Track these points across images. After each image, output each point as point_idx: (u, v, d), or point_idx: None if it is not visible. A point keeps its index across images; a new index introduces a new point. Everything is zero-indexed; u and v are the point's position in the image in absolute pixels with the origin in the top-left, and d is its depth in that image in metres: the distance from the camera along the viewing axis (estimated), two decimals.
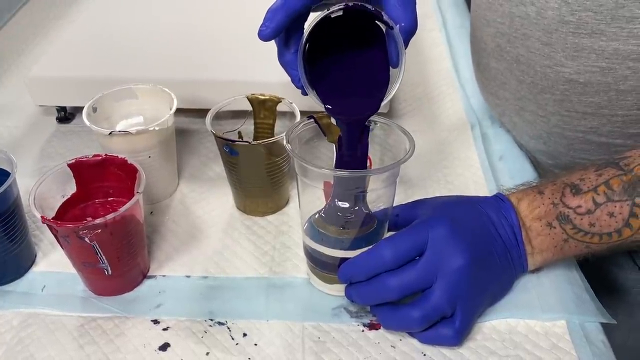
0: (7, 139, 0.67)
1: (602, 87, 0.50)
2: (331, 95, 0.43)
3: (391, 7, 0.40)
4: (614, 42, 0.47)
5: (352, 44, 0.43)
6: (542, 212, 0.45)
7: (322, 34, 0.42)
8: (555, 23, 0.50)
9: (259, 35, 0.41)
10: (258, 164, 0.52)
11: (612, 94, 0.50)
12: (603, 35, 0.47)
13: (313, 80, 0.43)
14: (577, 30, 0.48)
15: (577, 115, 0.53)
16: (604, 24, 0.47)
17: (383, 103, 0.43)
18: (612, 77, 0.49)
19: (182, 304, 0.48)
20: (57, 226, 0.43)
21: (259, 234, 0.55)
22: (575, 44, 0.49)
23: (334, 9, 0.40)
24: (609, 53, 0.48)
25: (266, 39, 0.41)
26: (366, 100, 0.43)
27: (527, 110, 0.57)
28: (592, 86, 0.51)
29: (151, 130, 0.53)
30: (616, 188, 0.43)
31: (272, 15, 0.40)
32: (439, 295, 0.42)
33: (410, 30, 0.40)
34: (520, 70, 0.55)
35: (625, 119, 0.51)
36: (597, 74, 0.49)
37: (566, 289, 0.48)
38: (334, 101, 0.43)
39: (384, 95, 0.43)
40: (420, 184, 0.59)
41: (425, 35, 0.86)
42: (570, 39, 0.49)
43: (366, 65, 0.44)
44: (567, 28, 0.49)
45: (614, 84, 0.49)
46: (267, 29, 0.40)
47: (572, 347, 0.44)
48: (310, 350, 0.44)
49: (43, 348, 0.45)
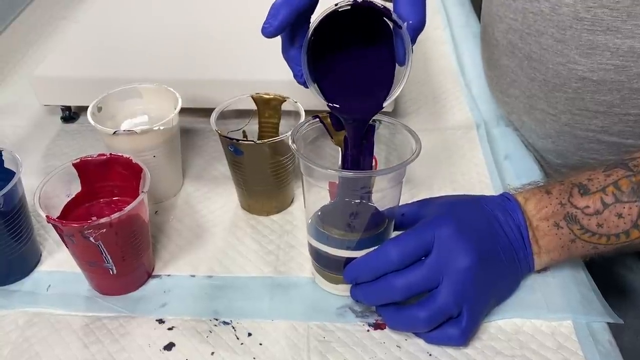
0: (12, 139, 0.67)
1: (615, 85, 0.50)
2: (334, 93, 0.42)
3: (400, 4, 0.39)
4: (630, 40, 0.47)
5: (358, 40, 0.43)
6: (549, 212, 0.45)
7: (329, 30, 0.40)
8: (570, 19, 0.49)
9: (262, 32, 0.40)
10: (263, 164, 0.52)
11: (626, 92, 0.50)
12: (619, 32, 0.47)
13: (317, 77, 0.42)
14: (592, 27, 0.48)
15: (588, 113, 0.52)
16: (619, 21, 0.46)
17: (387, 102, 0.42)
18: (626, 75, 0.49)
19: (187, 304, 0.48)
20: (62, 225, 0.43)
21: (264, 233, 0.55)
22: (590, 41, 0.49)
23: (342, 3, 0.39)
24: (623, 51, 0.48)
25: (269, 36, 0.40)
26: (369, 99, 0.42)
27: (537, 108, 0.57)
28: (605, 84, 0.50)
29: (156, 130, 0.53)
30: (625, 189, 0.43)
31: (276, 11, 0.39)
32: (445, 296, 0.42)
33: (418, 28, 0.39)
34: (531, 68, 0.55)
35: (638, 118, 0.51)
36: (611, 72, 0.49)
37: (572, 289, 0.48)
38: (337, 99, 0.42)
39: (387, 94, 0.42)
40: (425, 183, 0.59)
41: (430, 34, 0.86)
42: (585, 35, 0.49)
43: (372, 62, 0.43)
44: (581, 25, 0.48)
45: (628, 82, 0.49)
46: (270, 27, 0.39)
47: (579, 347, 0.44)
48: (316, 350, 0.44)
49: (48, 347, 0.45)
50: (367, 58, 0.43)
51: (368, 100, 0.42)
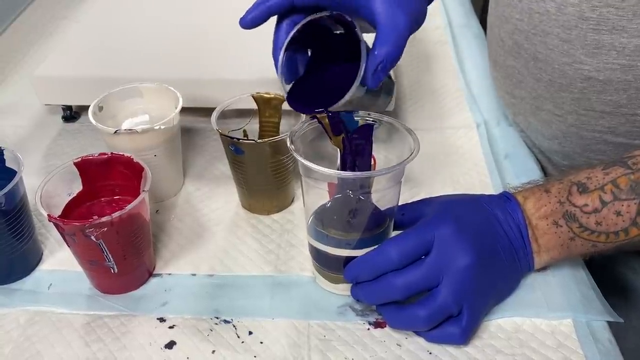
0: (13, 138, 0.67)
1: (622, 85, 0.49)
2: (296, 90, 0.49)
3: (378, 32, 0.44)
4: (636, 39, 0.47)
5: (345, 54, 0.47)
6: (548, 210, 0.45)
7: (326, 41, 0.48)
8: (576, 19, 0.49)
9: (240, 22, 0.47)
10: (263, 163, 0.52)
11: (632, 92, 0.49)
12: (624, 31, 0.47)
13: (294, 81, 0.49)
14: (597, 27, 0.48)
15: (595, 114, 0.52)
16: (625, 20, 0.46)
17: (330, 108, 0.46)
18: (633, 74, 0.48)
19: (187, 302, 0.48)
20: (64, 224, 0.43)
21: (265, 232, 0.55)
22: (596, 40, 0.48)
23: (320, 14, 0.45)
24: (630, 50, 0.47)
25: (244, 26, 0.47)
26: (321, 101, 0.46)
27: (543, 109, 0.57)
28: (611, 84, 0.50)
29: (157, 129, 0.53)
30: (623, 187, 0.43)
31: (255, 7, 0.47)
32: (445, 295, 0.42)
33: (384, 59, 0.43)
34: (537, 68, 0.55)
35: None
36: (618, 72, 0.49)
37: (572, 287, 0.48)
38: (295, 94, 0.48)
39: (333, 104, 0.46)
40: (425, 183, 0.59)
41: (430, 33, 0.86)
42: (591, 35, 0.49)
43: (340, 73, 0.48)
44: (587, 24, 0.48)
45: (635, 81, 0.49)
46: (244, 19, 0.47)
47: (579, 346, 0.44)
48: (316, 349, 0.44)
49: (50, 346, 0.45)
50: (339, 69, 0.49)
51: (319, 102, 0.46)
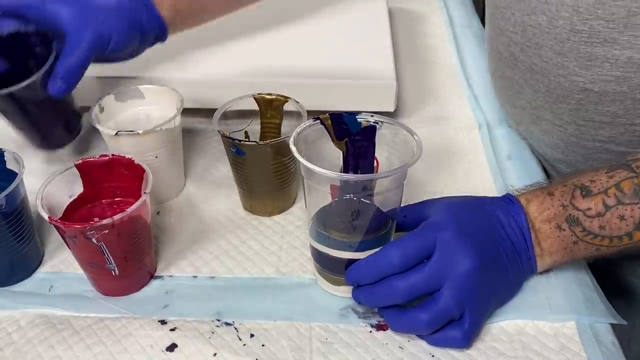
0: (14, 139, 0.67)
1: (617, 96, 0.49)
2: None
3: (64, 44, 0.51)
4: (628, 51, 0.47)
5: None
6: (551, 214, 0.45)
7: None
8: (567, 32, 0.49)
9: None
10: (265, 164, 0.52)
11: (629, 102, 0.49)
12: (616, 43, 0.47)
13: None
14: (589, 39, 0.48)
15: (593, 124, 0.52)
16: (616, 32, 0.46)
17: None
18: (628, 85, 0.48)
19: (189, 305, 0.48)
20: (65, 227, 0.43)
21: (266, 234, 0.55)
22: (588, 53, 0.48)
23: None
24: (623, 62, 0.47)
25: None
26: None
27: (543, 119, 0.57)
28: (607, 95, 0.50)
29: (158, 131, 0.53)
30: (627, 191, 0.42)
31: None
32: (447, 298, 0.42)
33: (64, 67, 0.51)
34: (534, 80, 0.55)
35: None
36: (612, 83, 0.48)
37: (575, 290, 0.48)
38: None
39: None
40: (427, 184, 0.59)
41: (431, 33, 0.85)
42: (583, 48, 0.48)
43: None
44: (579, 37, 0.48)
45: (630, 92, 0.49)
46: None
47: (582, 348, 0.44)
48: (318, 351, 0.44)
49: (51, 348, 0.45)
50: None
51: None
